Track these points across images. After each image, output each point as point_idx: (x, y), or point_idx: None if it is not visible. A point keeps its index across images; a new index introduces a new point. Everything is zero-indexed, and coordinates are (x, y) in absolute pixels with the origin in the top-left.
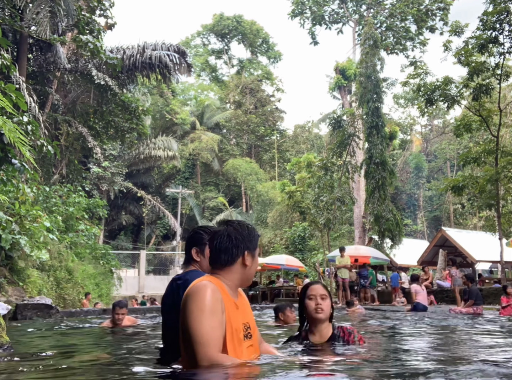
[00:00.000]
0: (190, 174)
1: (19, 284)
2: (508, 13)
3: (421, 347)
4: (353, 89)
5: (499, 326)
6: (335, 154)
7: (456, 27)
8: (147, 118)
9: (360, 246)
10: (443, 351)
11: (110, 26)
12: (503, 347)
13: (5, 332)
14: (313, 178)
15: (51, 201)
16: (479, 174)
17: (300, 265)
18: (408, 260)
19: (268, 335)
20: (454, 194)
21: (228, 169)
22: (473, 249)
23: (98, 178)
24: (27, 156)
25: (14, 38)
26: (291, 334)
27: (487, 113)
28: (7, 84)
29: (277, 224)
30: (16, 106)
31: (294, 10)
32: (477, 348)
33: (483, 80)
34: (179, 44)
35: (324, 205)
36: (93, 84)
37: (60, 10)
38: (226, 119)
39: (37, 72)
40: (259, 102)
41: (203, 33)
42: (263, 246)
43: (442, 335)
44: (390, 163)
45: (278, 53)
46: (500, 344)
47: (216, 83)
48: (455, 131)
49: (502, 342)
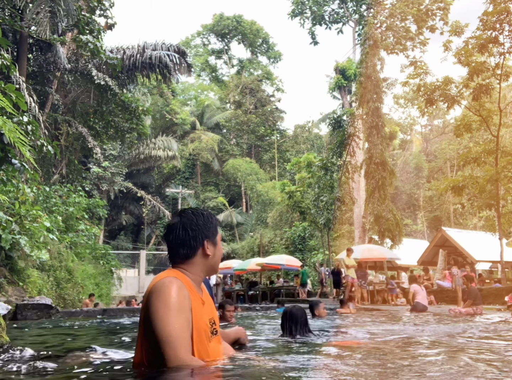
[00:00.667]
0: (190, 174)
1: (19, 284)
2: (508, 13)
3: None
4: (353, 89)
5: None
6: (335, 154)
7: (456, 27)
8: (147, 118)
9: (372, 245)
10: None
11: (110, 26)
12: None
13: (5, 332)
14: (313, 179)
15: (51, 201)
16: (479, 174)
17: (300, 265)
18: (408, 260)
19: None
20: (454, 194)
21: (228, 169)
22: (473, 249)
23: (98, 178)
24: (27, 156)
25: (14, 38)
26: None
27: (487, 113)
28: (7, 84)
29: (277, 224)
30: (16, 106)
31: (294, 10)
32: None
33: (483, 80)
34: (179, 44)
35: (324, 205)
36: (93, 84)
37: (60, 10)
38: (226, 119)
39: (37, 72)
40: (259, 102)
41: (203, 33)
42: (263, 246)
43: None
44: (390, 163)
45: (278, 53)
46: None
47: (216, 83)
48: (455, 131)
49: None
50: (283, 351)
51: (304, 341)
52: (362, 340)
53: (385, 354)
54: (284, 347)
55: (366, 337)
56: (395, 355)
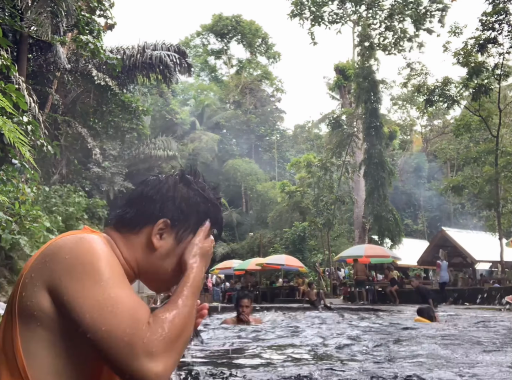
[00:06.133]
0: None
1: None
2: (507, 13)
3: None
4: (352, 89)
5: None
6: (334, 154)
7: (455, 28)
8: (147, 118)
9: (375, 245)
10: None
11: (110, 26)
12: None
13: None
14: (313, 179)
15: (51, 201)
16: (479, 174)
17: (300, 265)
18: (408, 260)
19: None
20: (454, 194)
21: (228, 169)
22: (473, 249)
23: (98, 178)
24: (27, 156)
25: (14, 38)
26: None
27: (487, 113)
28: (7, 84)
29: (277, 224)
30: (16, 106)
31: (293, 10)
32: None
33: (483, 80)
34: (179, 44)
35: (324, 205)
36: (93, 84)
37: (61, 11)
38: (226, 119)
39: (37, 72)
40: (259, 102)
41: (203, 33)
42: (263, 246)
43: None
44: (389, 164)
45: (277, 53)
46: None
47: (216, 83)
48: (455, 131)
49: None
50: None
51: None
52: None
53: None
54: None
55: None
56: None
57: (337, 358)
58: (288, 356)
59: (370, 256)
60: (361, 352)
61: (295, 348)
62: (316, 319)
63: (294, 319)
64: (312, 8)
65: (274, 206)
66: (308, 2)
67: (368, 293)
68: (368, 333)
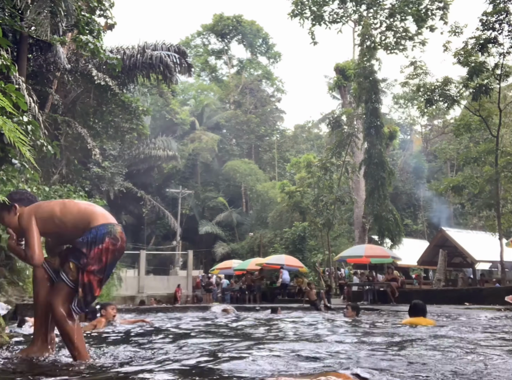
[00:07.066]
0: (190, 174)
1: (19, 284)
2: (507, 13)
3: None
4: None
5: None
6: (334, 154)
7: (455, 28)
8: (147, 118)
9: (375, 245)
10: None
11: (110, 26)
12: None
13: (5, 332)
14: (313, 179)
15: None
16: (479, 174)
17: (300, 265)
18: (408, 260)
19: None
20: (454, 194)
21: (228, 170)
22: (473, 249)
23: (98, 178)
24: (27, 156)
25: (14, 38)
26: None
27: (487, 113)
28: (7, 84)
29: (277, 224)
30: (16, 106)
31: (294, 10)
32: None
33: (483, 80)
34: (179, 45)
35: (324, 205)
36: (93, 84)
37: (61, 11)
38: (226, 119)
39: (37, 72)
40: (259, 102)
41: (203, 33)
42: (263, 246)
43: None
44: (389, 164)
45: (277, 53)
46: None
47: (216, 83)
48: (455, 131)
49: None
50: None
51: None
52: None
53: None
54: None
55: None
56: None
57: (330, 359)
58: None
59: (370, 256)
60: (355, 354)
61: (274, 346)
62: (319, 319)
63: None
64: (313, 7)
65: (274, 206)
66: (309, 1)
67: (368, 293)
68: (368, 334)
